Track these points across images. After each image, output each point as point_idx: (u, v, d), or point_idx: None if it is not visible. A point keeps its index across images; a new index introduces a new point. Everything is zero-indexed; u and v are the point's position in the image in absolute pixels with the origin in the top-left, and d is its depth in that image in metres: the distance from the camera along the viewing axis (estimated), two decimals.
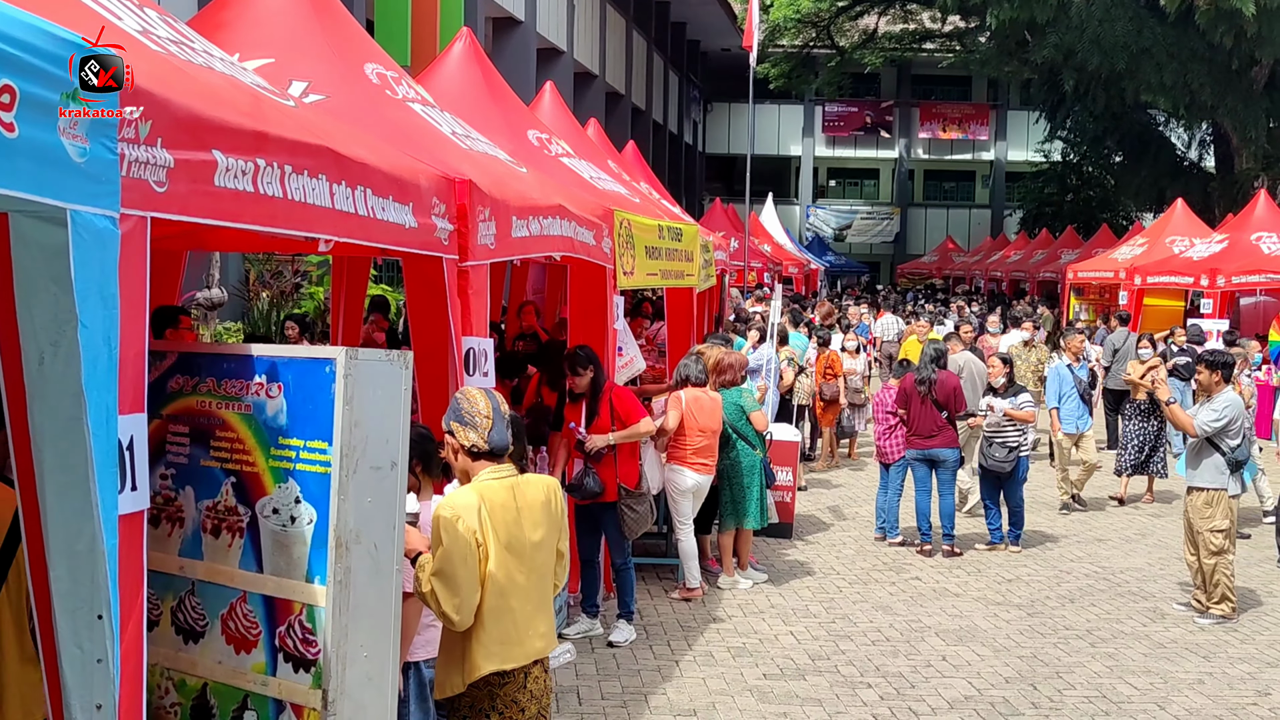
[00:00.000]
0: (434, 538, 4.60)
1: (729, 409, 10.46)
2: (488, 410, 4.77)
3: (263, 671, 4.19)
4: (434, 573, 4.56)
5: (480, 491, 4.68)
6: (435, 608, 4.60)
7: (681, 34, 45.85)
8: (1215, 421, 9.76)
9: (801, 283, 38.58)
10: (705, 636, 9.26)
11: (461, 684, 4.72)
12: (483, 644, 4.68)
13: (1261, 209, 24.55)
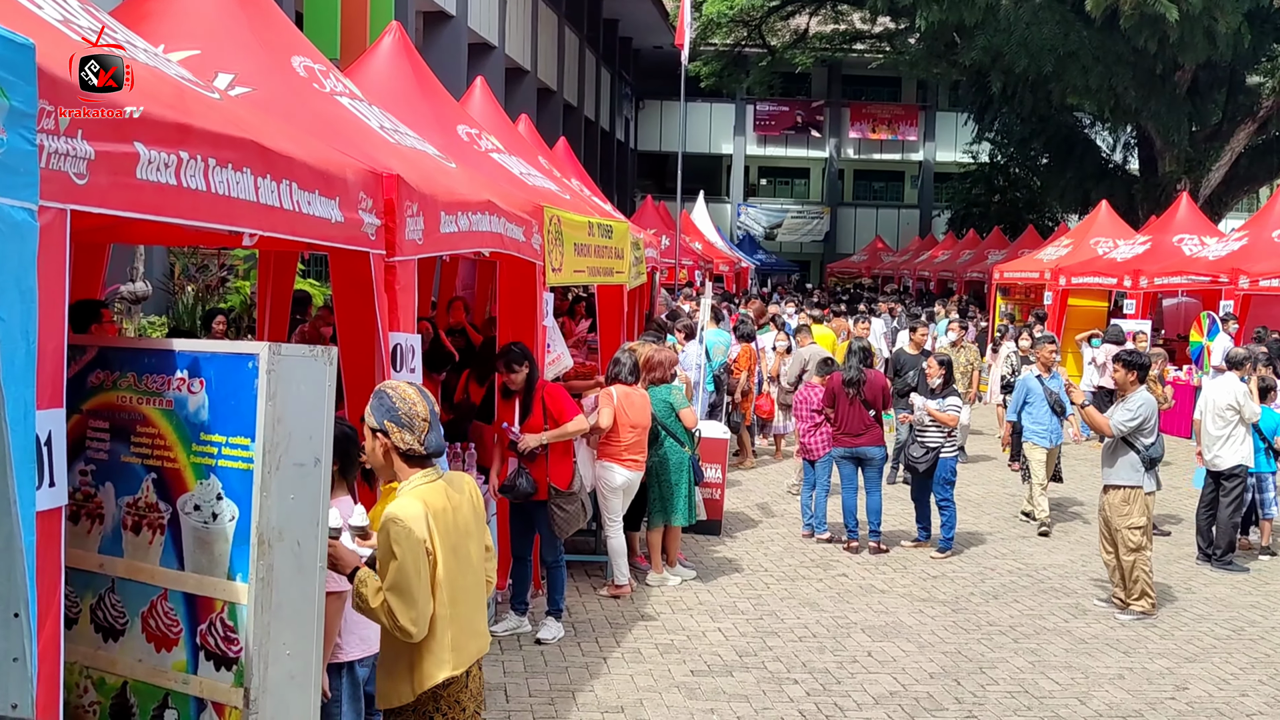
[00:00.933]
0: (384, 551, 4.47)
1: (658, 406, 10.48)
2: (425, 413, 4.64)
3: (184, 670, 4.15)
4: (389, 587, 4.44)
5: (423, 498, 4.57)
6: (390, 623, 4.46)
7: (613, 31, 45.85)
8: (1130, 421, 9.93)
9: (732, 281, 38.69)
10: (633, 633, 9.27)
11: (411, 694, 4.64)
12: (434, 652, 4.62)
13: (1183, 211, 24.98)
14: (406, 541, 4.44)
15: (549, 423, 8.75)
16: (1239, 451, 12.01)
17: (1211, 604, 10.76)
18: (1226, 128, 32.64)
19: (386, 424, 4.59)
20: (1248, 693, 8.51)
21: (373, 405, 4.65)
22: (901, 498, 13.67)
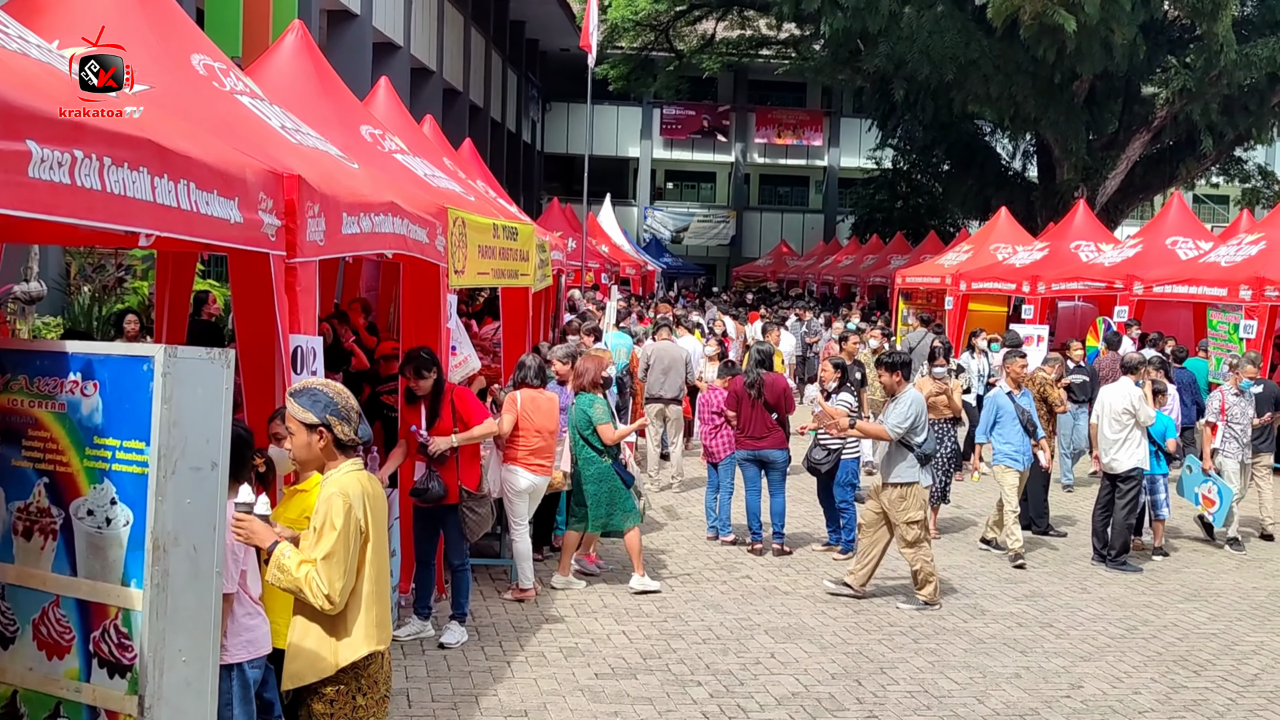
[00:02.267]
0: (324, 520, 4.63)
1: (578, 415, 10.48)
2: (356, 405, 4.88)
3: (76, 678, 4.08)
4: (324, 556, 4.59)
5: (360, 481, 4.78)
6: (312, 591, 4.59)
7: (520, 32, 45.72)
8: (904, 421, 10.35)
9: (639, 284, 38.78)
10: (538, 637, 9.25)
11: (333, 665, 4.76)
12: (364, 626, 4.78)
13: (1080, 219, 25.47)
14: (349, 516, 4.65)
15: (458, 426, 8.70)
16: (1135, 455, 12.27)
17: (1106, 604, 10.98)
18: (1122, 137, 33.33)
19: (329, 418, 4.76)
20: (1140, 690, 8.69)
21: (306, 403, 4.77)
22: (808, 500, 13.74)
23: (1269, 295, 17.78)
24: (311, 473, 4.90)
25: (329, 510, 4.65)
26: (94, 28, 6.09)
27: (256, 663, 5.36)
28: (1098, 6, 26.01)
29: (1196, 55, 28.80)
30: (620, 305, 19.66)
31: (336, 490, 4.69)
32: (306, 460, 4.87)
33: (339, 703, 4.80)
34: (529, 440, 9.90)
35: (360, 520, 4.70)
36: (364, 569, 4.76)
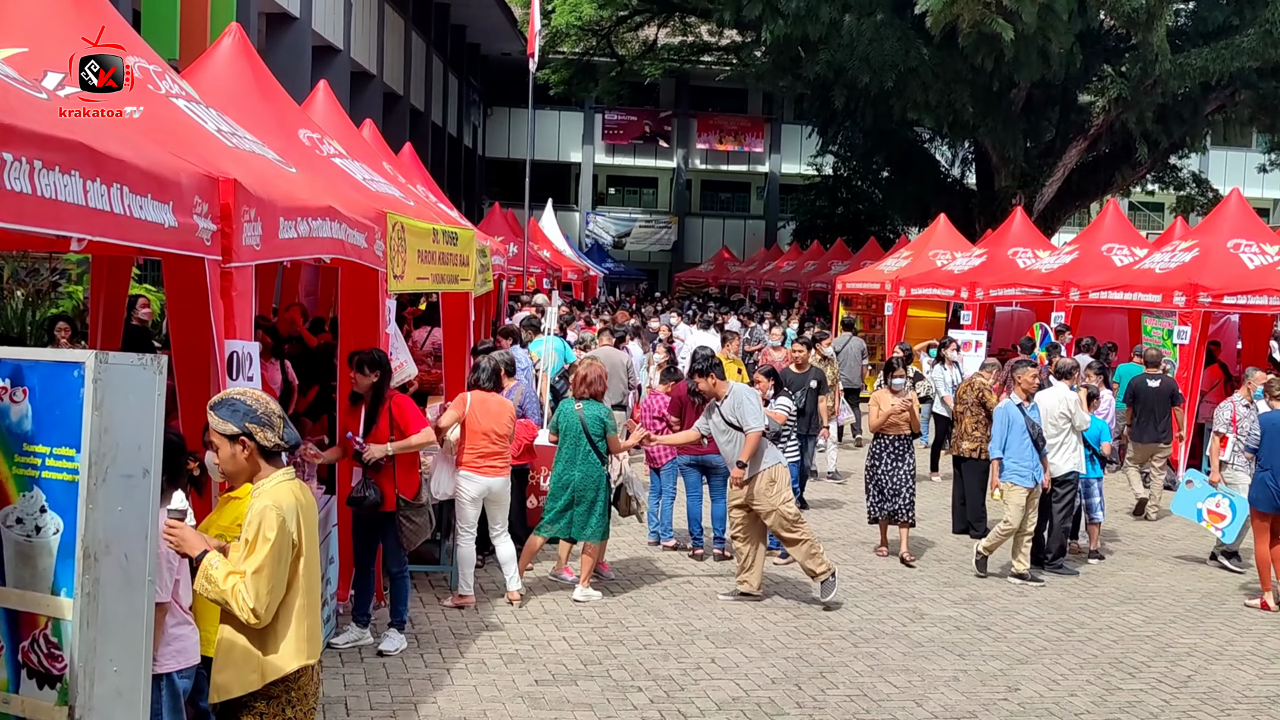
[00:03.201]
0: (258, 534, 4.57)
1: (590, 421, 10.49)
2: (278, 409, 4.82)
3: (4, 689, 4.01)
4: (253, 570, 4.53)
5: (293, 491, 4.74)
6: (239, 605, 4.53)
7: (461, 37, 45.58)
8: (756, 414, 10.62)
9: (581, 289, 38.76)
10: (477, 644, 9.21)
11: (260, 680, 4.70)
12: (292, 640, 4.72)
13: (1018, 225, 25.72)
14: (281, 529, 4.59)
15: (395, 433, 8.64)
16: (1071, 459, 12.39)
17: (1043, 606, 11.08)
18: (1059, 144, 33.67)
19: (249, 426, 4.70)
20: (1076, 693, 8.78)
21: (224, 414, 4.71)
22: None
23: (1202, 301, 18.03)
24: (242, 482, 4.83)
25: (261, 523, 4.60)
26: (26, 30, 6.02)
27: (186, 672, 5.31)
28: (1035, 15, 26.28)
29: (1132, 64, 29.17)
30: (562, 311, 19.60)
31: (270, 503, 4.64)
32: (234, 472, 4.80)
33: (269, 716, 4.74)
34: (477, 443, 9.90)
35: (293, 534, 4.66)
36: (296, 582, 4.71)
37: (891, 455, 12.62)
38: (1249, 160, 52.23)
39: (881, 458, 12.70)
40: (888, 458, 12.65)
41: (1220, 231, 19.73)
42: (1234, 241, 19.28)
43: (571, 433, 10.47)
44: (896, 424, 12.63)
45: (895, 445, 12.63)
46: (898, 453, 12.62)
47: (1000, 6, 25.85)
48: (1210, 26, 30.45)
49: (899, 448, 12.65)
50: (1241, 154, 54.05)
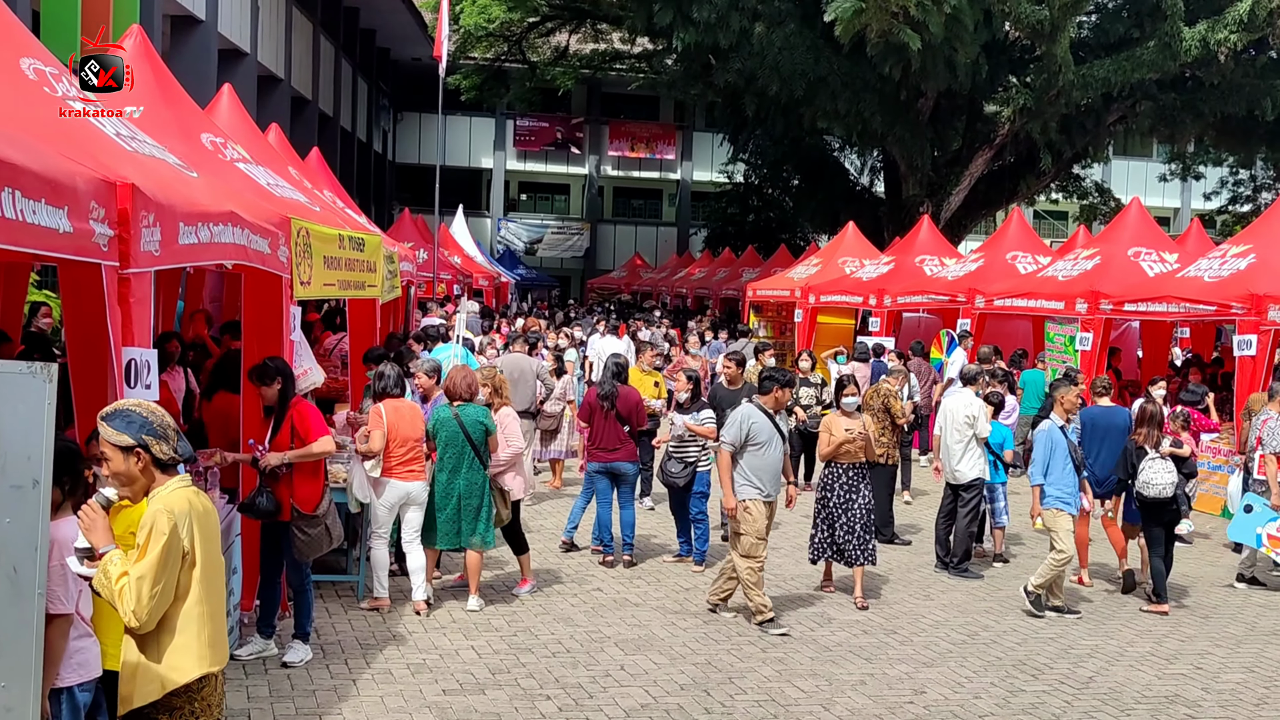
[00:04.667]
0: (148, 539, 4.53)
1: (473, 427, 10.37)
2: (171, 421, 4.79)
3: None
4: (138, 574, 4.49)
5: (187, 499, 4.70)
6: (124, 606, 4.50)
7: (371, 41, 45.23)
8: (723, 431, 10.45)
9: (492, 295, 38.61)
10: (384, 654, 9.11)
11: (160, 690, 4.65)
12: (193, 648, 4.69)
13: (925, 234, 26.05)
14: (171, 536, 4.55)
15: (295, 442, 8.53)
16: (978, 465, 12.55)
17: (949, 610, 11.20)
18: (966, 153, 34.13)
19: (145, 438, 4.66)
20: (981, 695, 8.88)
21: (118, 426, 4.66)
22: (660, 512, 13.77)
23: (1103, 309, 18.38)
24: (138, 493, 4.74)
25: (152, 527, 4.56)
26: None
27: (86, 685, 5.20)
28: (942, 26, 26.64)
29: (1036, 75, 29.64)
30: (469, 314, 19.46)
31: (161, 507, 4.61)
32: (131, 482, 4.73)
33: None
34: (397, 450, 9.90)
35: (184, 540, 4.62)
36: (192, 589, 4.67)
37: (845, 487, 11.20)
38: (1150, 170, 53.40)
39: (834, 489, 11.27)
40: (840, 489, 11.23)
41: (1121, 240, 20.14)
42: (1134, 250, 19.70)
43: (454, 441, 10.35)
44: (850, 451, 11.25)
45: (850, 475, 11.23)
46: (852, 483, 11.22)
47: (907, 17, 26.16)
48: (1112, 39, 31.06)
49: (854, 478, 11.23)
50: (1143, 164, 55.19)
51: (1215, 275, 17.00)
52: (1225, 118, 32.33)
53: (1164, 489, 11.25)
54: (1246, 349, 15.72)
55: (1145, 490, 11.33)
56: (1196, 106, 31.44)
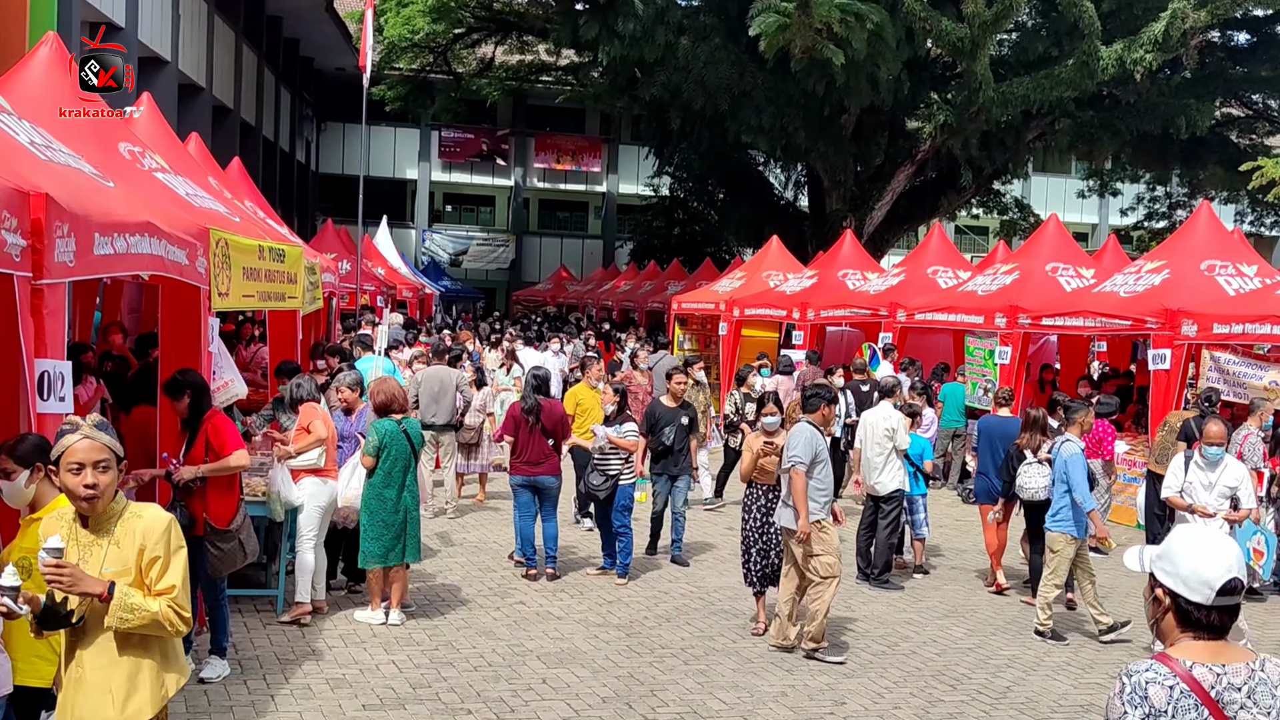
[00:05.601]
0: (169, 549, 4.68)
1: (417, 438, 10.43)
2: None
3: None
4: (182, 582, 4.66)
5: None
6: (175, 619, 4.63)
7: (294, 51, 44.84)
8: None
9: (416, 307, 38.38)
10: (303, 669, 9.02)
11: (166, 697, 4.78)
12: (176, 659, 4.87)
13: (848, 248, 26.25)
14: (184, 540, 4.79)
15: (210, 455, 8.43)
16: (898, 477, 12.67)
17: (869, 621, 11.29)
18: (888, 169, 34.42)
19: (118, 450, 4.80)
20: (900, 705, 8.96)
21: (112, 434, 4.76)
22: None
23: (1022, 323, 18.62)
24: (52, 501, 4.70)
25: (170, 536, 4.70)
26: None
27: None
28: (864, 43, 26.89)
29: (957, 92, 29.99)
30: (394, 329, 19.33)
31: (168, 518, 4.76)
32: (108, 493, 4.69)
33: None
34: (331, 451, 9.94)
35: None
36: None
37: (762, 509, 10.73)
38: (1069, 186, 54.23)
39: (751, 511, 10.83)
40: (758, 512, 10.76)
41: (1039, 256, 20.44)
42: (1052, 265, 20.00)
43: (402, 455, 10.31)
44: (767, 469, 10.68)
45: (768, 497, 10.71)
46: (769, 506, 10.68)
47: (831, 33, 26.39)
48: (1031, 57, 31.48)
49: (772, 500, 10.67)
50: (1062, 180, 56.03)
51: (1130, 290, 17.30)
52: (1141, 136, 32.89)
53: (1037, 492, 11.63)
54: (1160, 363, 16.01)
55: (1021, 493, 11.80)
56: (1114, 124, 31.97)
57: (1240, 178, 30.84)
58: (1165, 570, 3.53)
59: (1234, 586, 3.43)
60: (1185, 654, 3.43)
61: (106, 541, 4.65)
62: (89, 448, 4.58)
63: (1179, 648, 3.46)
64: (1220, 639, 3.46)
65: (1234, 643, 3.50)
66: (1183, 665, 3.39)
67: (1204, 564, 3.45)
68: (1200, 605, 3.44)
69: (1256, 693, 3.37)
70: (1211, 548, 3.48)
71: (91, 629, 4.62)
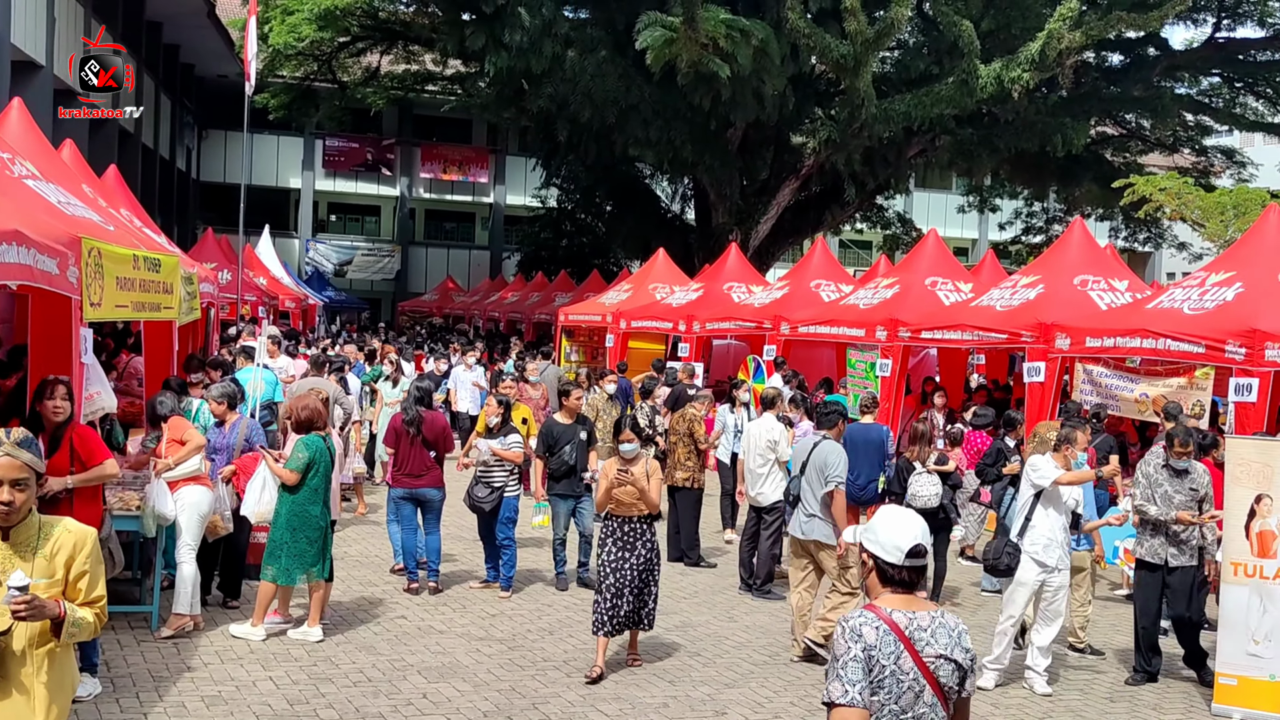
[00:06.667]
0: (94, 561, 4.84)
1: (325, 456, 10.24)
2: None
3: None
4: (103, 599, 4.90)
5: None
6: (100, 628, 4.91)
7: (175, 57, 44.03)
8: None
9: (299, 318, 37.92)
10: (178, 686, 8.85)
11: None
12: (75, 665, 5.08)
13: (733, 261, 26.47)
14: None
15: (76, 465, 8.24)
16: (780, 488, 12.78)
17: (752, 631, 11.38)
18: (773, 183, 34.74)
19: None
20: (780, 715, 9.04)
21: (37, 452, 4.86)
22: (467, 538, 13.62)
23: (902, 336, 18.91)
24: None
25: (96, 550, 4.87)
26: None
27: None
28: (750, 58, 27.15)
29: (841, 109, 30.37)
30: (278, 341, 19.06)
31: (93, 533, 4.91)
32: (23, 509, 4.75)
33: None
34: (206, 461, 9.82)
35: None
36: None
37: (619, 544, 9.82)
38: (949, 202, 55.24)
39: (606, 545, 9.87)
40: (614, 546, 9.82)
41: (919, 270, 20.78)
42: (931, 279, 20.35)
43: (327, 473, 10.23)
44: (624, 501, 9.80)
45: (625, 530, 9.85)
46: (625, 540, 9.82)
47: (717, 48, 26.60)
48: (913, 74, 32.05)
49: (628, 534, 9.85)
50: (943, 196, 57.05)
51: (1006, 305, 17.67)
52: (1019, 153, 33.62)
53: (929, 500, 12.21)
54: (1036, 376, 16.36)
55: (913, 502, 12.17)
56: (992, 142, 32.62)
57: (1114, 195, 31.69)
58: (869, 539, 4.51)
59: (919, 551, 4.42)
60: (886, 604, 4.41)
61: (30, 554, 4.75)
62: (7, 465, 4.66)
63: (882, 599, 4.44)
64: (911, 593, 4.46)
65: (921, 596, 4.51)
66: (885, 612, 4.36)
67: (897, 534, 4.44)
68: (895, 565, 4.43)
69: (937, 633, 4.37)
70: (903, 522, 4.49)
71: (16, 640, 4.68)
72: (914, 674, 4.29)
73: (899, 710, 4.28)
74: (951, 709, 4.39)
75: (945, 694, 4.36)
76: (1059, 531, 10.03)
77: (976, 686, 9.27)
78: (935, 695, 4.32)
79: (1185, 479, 10.38)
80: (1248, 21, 35.05)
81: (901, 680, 4.27)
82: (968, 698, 4.48)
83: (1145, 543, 10.46)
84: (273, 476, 10.16)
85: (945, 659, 4.35)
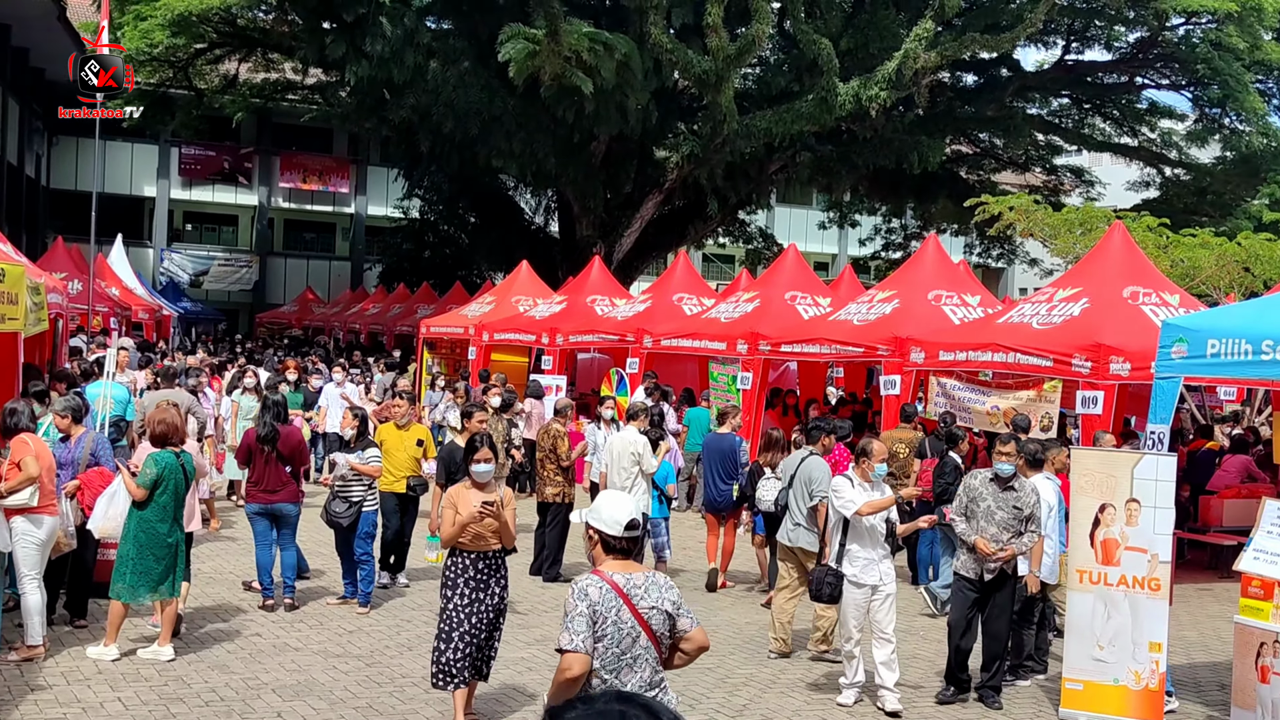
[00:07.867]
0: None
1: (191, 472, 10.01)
2: None
3: None
4: None
5: None
6: None
7: (24, 60, 42.78)
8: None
9: (153, 329, 37.03)
10: (21, 709, 8.58)
11: None
12: None
13: (596, 274, 26.53)
14: None
15: None
16: (642, 500, 12.83)
17: None
18: (637, 196, 34.91)
19: None
20: None
21: None
22: (325, 553, 13.40)
23: (762, 349, 19.13)
24: None
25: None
26: None
27: None
28: (613, 72, 27.27)
29: (703, 124, 30.65)
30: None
31: None
32: None
33: None
34: (45, 484, 9.49)
35: None
36: None
37: (471, 583, 8.51)
38: (810, 217, 56.03)
39: (458, 587, 8.51)
40: (466, 587, 8.50)
41: (779, 284, 21.06)
42: (791, 293, 20.63)
43: (179, 490, 9.97)
44: (483, 534, 8.52)
45: (479, 567, 8.54)
46: (480, 580, 8.54)
47: (580, 61, 26.67)
48: (774, 91, 32.48)
49: (482, 571, 8.57)
50: (804, 211, 57.86)
51: (863, 319, 17.99)
52: (878, 170, 34.28)
53: (769, 505, 12.54)
54: (891, 389, 16.68)
55: (760, 504, 12.71)
56: (851, 159, 33.21)
57: (968, 212, 32.42)
58: (594, 518, 5.52)
59: (635, 524, 5.48)
60: (609, 568, 5.42)
61: None
62: None
63: (605, 565, 5.44)
64: (628, 559, 5.48)
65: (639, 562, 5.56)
66: (607, 574, 5.38)
67: (616, 511, 5.49)
68: (615, 536, 5.45)
69: (650, 589, 5.38)
70: (620, 502, 5.59)
71: None
72: (631, 623, 5.28)
73: (620, 652, 5.28)
74: (665, 650, 5.42)
75: (658, 638, 5.37)
76: (876, 549, 9.92)
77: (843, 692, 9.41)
78: (649, 639, 5.33)
79: (1010, 494, 9.96)
80: (1095, 45, 36.25)
81: (621, 628, 5.27)
82: (682, 635, 5.48)
83: (961, 556, 10.15)
84: (124, 491, 9.92)
85: (657, 610, 5.36)
